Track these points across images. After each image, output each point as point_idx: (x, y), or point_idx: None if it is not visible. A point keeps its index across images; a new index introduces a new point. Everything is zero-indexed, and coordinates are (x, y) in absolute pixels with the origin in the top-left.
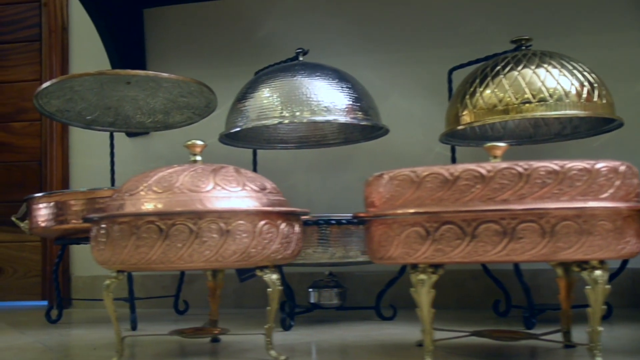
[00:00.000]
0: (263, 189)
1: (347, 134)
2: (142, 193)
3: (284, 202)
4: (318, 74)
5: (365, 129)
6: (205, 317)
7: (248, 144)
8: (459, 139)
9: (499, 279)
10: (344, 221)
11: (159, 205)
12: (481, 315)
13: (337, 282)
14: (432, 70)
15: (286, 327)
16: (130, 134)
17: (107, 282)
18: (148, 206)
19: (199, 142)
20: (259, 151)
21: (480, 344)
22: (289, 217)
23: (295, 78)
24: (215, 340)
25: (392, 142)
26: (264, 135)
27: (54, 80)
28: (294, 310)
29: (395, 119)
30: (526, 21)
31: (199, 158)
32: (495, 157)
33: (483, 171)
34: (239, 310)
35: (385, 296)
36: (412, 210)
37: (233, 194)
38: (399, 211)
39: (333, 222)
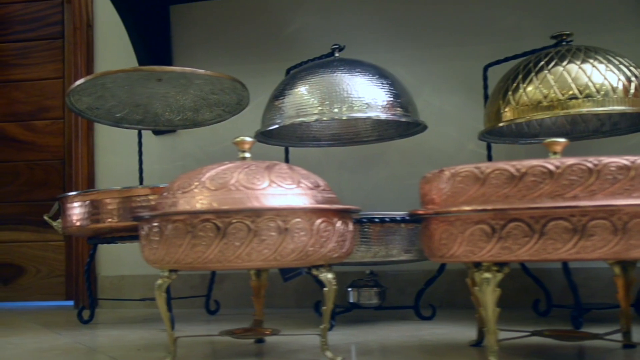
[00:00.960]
0: (317, 186)
1: (380, 131)
2: (195, 190)
3: (337, 200)
4: (358, 70)
5: (400, 125)
6: (237, 317)
7: (281, 141)
8: (495, 136)
9: (538, 278)
10: (387, 219)
11: (215, 203)
12: (520, 315)
13: (377, 281)
14: (466, 67)
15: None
16: (157, 132)
17: (160, 281)
18: (203, 204)
19: (248, 139)
20: (289, 149)
21: (535, 343)
22: (344, 215)
23: (334, 74)
24: (259, 341)
25: (424, 139)
26: (297, 133)
27: (88, 77)
28: (334, 309)
29: (428, 116)
30: (561, 16)
31: (247, 155)
32: (555, 153)
33: (551, 167)
34: (270, 311)
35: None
36: (477, 208)
37: (289, 191)
38: (464, 208)
39: (377, 220)
